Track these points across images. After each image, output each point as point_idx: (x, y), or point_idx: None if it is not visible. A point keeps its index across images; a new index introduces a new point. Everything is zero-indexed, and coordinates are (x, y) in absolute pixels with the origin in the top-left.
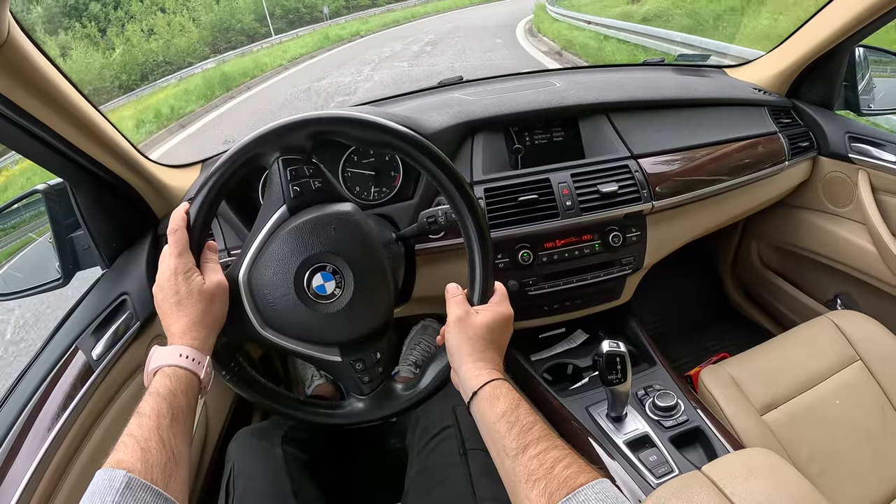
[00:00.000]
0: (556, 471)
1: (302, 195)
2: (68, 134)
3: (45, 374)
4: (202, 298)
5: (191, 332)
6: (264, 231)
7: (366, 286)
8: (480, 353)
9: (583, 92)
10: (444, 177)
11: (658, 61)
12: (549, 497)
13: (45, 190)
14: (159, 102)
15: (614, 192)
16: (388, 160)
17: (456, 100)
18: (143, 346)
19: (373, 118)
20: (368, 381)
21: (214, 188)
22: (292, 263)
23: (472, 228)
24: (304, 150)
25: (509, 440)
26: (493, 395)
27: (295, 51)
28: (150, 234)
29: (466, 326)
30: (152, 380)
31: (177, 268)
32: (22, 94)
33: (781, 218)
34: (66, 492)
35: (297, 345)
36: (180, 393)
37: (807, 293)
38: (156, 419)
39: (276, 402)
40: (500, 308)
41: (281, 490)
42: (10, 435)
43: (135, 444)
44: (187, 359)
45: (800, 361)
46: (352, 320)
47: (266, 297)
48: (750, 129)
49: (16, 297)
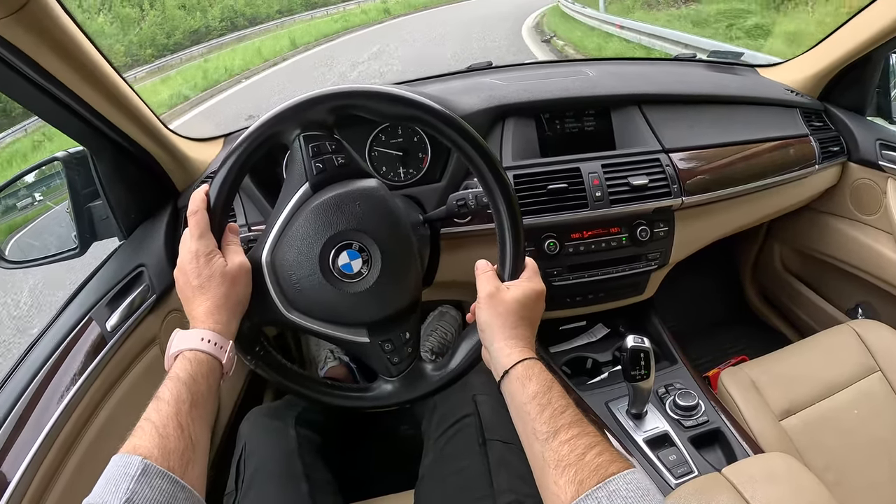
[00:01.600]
0: (588, 458)
1: (325, 171)
2: (93, 100)
3: (58, 343)
4: (224, 281)
5: (213, 315)
6: (287, 210)
7: (393, 264)
8: (512, 329)
9: (616, 82)
10: (475, 153)
11: (690, 56)
12: (579, 484)
13: (64, 158)
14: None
15: (645, 185)
16: (416, 141)
17: (487, 84)
18: (159, 320)
19: (402, 92)
20: (398, 362)
21: (234, 168)
22: (317, 242)
23: (503, 204)
24: (326, 125)
25: (540, 423)
26: (526, 374)
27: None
28: (169, 207)
29: (497, 302)
30: (172, 364)
31: (198, 250)
32: (48, 55)
33: (806, 222)
34: (74, 463)
35: (324, 326)
36: (201, 378)
37: (828, 300)
38: (175, 404)
39: (302, 386)
40: (531, 283)
41: (293, 471)
42: (20, 404)
43: (153, 430)
44: (209, 343)
45: (819, 369)
46: (379, 299)
47: (291, 278)
48: (781, 131)
49: (31, 266)
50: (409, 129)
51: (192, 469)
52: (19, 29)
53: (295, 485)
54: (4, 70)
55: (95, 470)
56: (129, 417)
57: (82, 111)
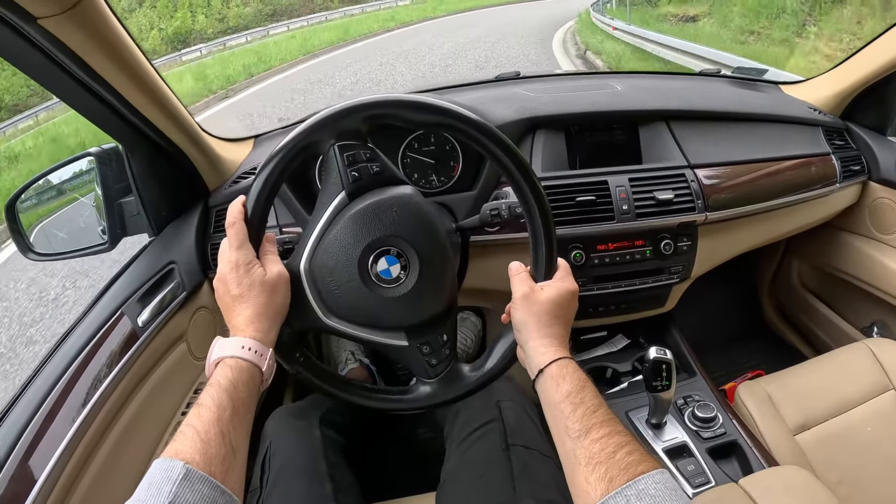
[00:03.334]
0: (618, 456)
1: (360, 180)
2: (133, 98)
3: (90, 337)
4: (264, 290)
5: (253, 324)
6: (324, 218)
7: (430, 268)
8: (547, 328)
9: (644, 97)
10: (509, 160)
11: (715, 72)
12: (609, 482)
13: (97, 153)
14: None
15: (670, 199)
16: (448, 149)
17: (518, 95)
18: (187, 317)
19: (436, 101)
20: (436, 364)
21: (271, 179)
22: (355, 249)
23: (536, 207)
24: (360, 134)
25: (573, 421)
26: (560, 374)
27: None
28: (200, 206)
29: (532, 302)
30: (213, 371)
31: (237, 260)
32: (94, 52)
33: (825, 240)
34: (102, 456)
35: (363, 331)
36: (241, 385)
37: (844, 318)
38: (216, 411)
39: (344, 392)
40: (564, 283)
41: (317, 470)
42: (51, 396)
43: (195, 436)
44: (250, 351)
45: (834, 385)
46: (418, 303)
47: (329, 285)
48: (804, 149)
49: (59, 258)
50: (442, 137)
51: (231, 474)
52: (70, 26)
53: (319, 484)
54: (50, 66)
55: (123, 463)
56: (156, 412)
57: (121, 108)
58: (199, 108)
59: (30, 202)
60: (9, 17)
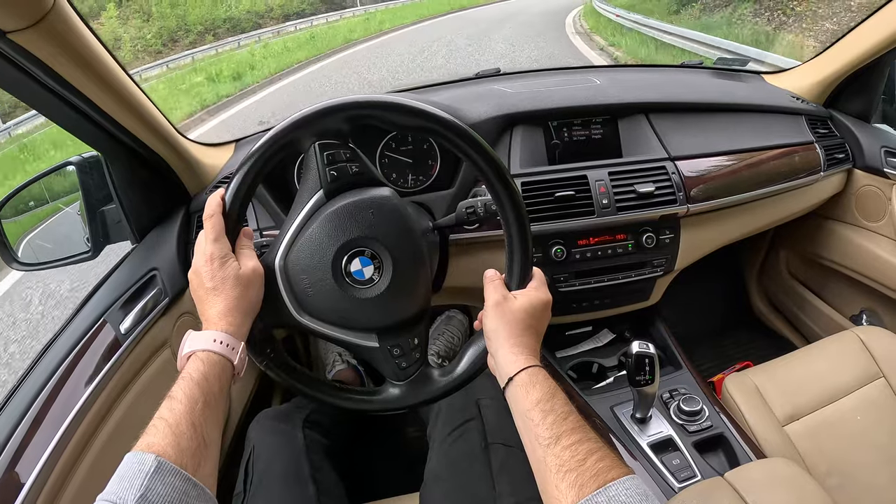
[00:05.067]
0: (588, 463)
1: (339, 180)
2: (108, 107)
3: (73, 345)
4: (238, 284)
5: (226, 317)
6: (301, 216)
7: (404, 271)
8: (518, 337)
9: (623, 91)
10: (484, 163)
11: (696, 63)
12: (580, 489)
13: (78, 162)
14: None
15: (651, 192)
16: (425, 148)
17: (496, 91)
18: (171, 323)
19: (415, 104)
20: (406, 367)
21: (250, 174)
22: (330, 248)
23: (511, 213)
24: (341, 134)
25: (543, 429)
26: (529, 381)
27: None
28: (181, 211)
29: (504, 311)
30: (185, 364)
31: (213, 253)
32: (65, 64)
33: (812, 229)
34: (88, 463)
35: (334, 330)
36: (213, 378)
37: (832, 306)
38: (188, 403)
39: (311, 388)
40: (538, 293)
41: (300, 473)
42: (35, 404)
43: (166, 428)
44: (221, 344)
45: (823, 375)
46: (389, 306)
47: (302, 283)
48: (787, 138)
49: (44, 268)
50: (419, 136)
51: (203, 467)
52: (39, 40)
53: (302, 486)
54: (22, 78)
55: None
56: (142, 418)
57: (97, 117)
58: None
59: (12, 213)
60: None
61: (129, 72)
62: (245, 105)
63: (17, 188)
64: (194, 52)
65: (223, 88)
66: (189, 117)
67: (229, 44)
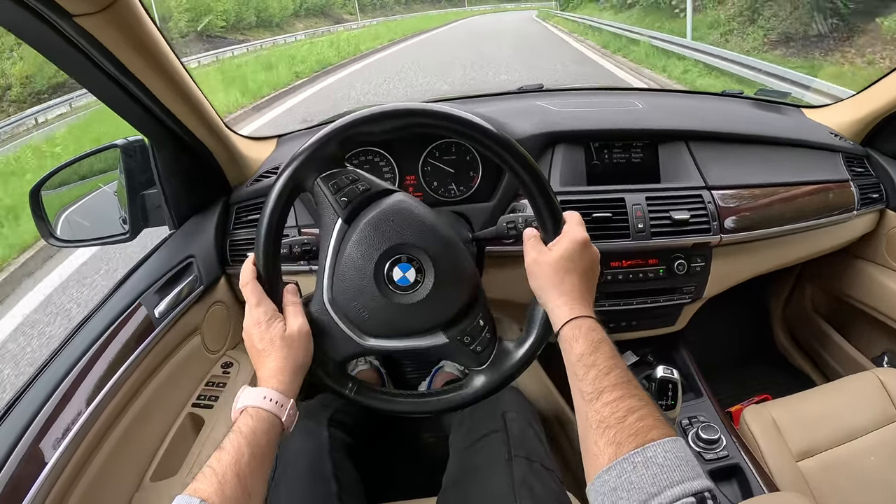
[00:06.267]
0: (629, 421)
1: (351, 203)
2: (161, 94)
3: (108, 325)
4: (284, 345)
5: (276, 376)
6: (330, 250)
7: (444, 262)
8: (560, 286)
9: (665, 116)
10: (528, 175)
11: (737, 93)
12: (617, 446)
13: (123, 145)
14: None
15: (686, 220)
16: (468, 159)
17: (539, 108)
18: (203, 310)
19: (385, 108)
20: (481, 351)
21: (270, 233)
22: (367, 267)
23: (525, 172)
24: (338, 158)
25: (585, 384)
26: (572, 335)
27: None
28: (221, 202)
29: (540, 265)
30: (238, 417)
31: (258, 318)
32: (127, 50)
33: (840, 267)
34: (112, 442)
35: (402, 342)
36: (261, 433)
37: (855, 346)
38: (235, 455)
39: (406, 406)
40: (571, 234)
41: (323, 470)
42: (66, 380)
43: (213, 476)
44: (270, 401)
45: (841, 413)
46: (444, 298)
47: (355, 309)
48: (823, 174)
49: (80, 245)
50: (463, 147)
51: None
52: (105, 25)
53: (324, 483)
54: (83, 61)
55: (131, 450)
56: (167, 403)
57: (150, 104)
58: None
59: (54, 189)
60: (46, 14)
61: (182, 60)
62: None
63: (62, 165)
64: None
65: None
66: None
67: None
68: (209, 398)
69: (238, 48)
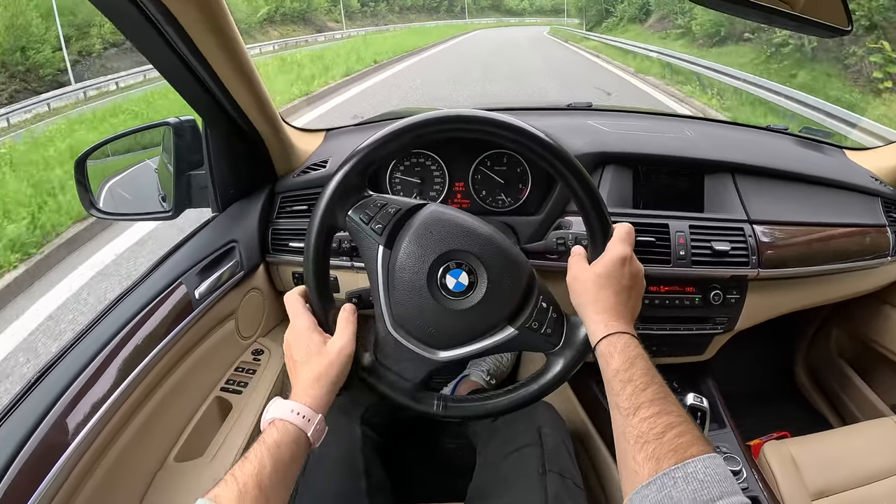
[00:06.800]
0: (667, 437)
1: (386, 227)
2: (226, 77)
3: (148, 301)
4: (321, 359)
5: (308, 390)
6: (381, 278)
7: (491, 257)
8: (595, 304)
9: (713, 147)
10: (582, 190)
11: (781, 128)
12: (657, 462)
13: (175, 124)
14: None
15: (726, 251)
16: (518, 171)
17: (590, 127)
18: (241, 295)
19: (390, 129)
20: (552, 333)
21: (319, 268)
22: (420, 283)
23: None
24: (360, 186)
25: (622, 399)
26: (608, 352)
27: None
28: (267, 190)
29: (580, 281)
30: (266, 428)
31: (299, 330)
32: (201, 31)
33: (868, 311)
34: (141, 419)
35: (475, 345)
36: (284, 447)
37: (876, 392)
38: (257, 465)
39: (501, 406)
40: (611, 251)
41: (354, 467)
42: (102, 354)
43: (234, 484)
44: (298, 415)
45: (859, 456)
46: (501, 292)
47: (422, 328)
48: (860, 217)
49: (122, 219)
50: (514, 158)
51: None
52: (187, 4)
53: (355, 480)
54: (155, 36)
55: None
56: (196, 385)
57: (211, 84)
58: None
59: (100, 160)
60: None
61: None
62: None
63: (111, 137)
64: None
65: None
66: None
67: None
68: (238, 384)
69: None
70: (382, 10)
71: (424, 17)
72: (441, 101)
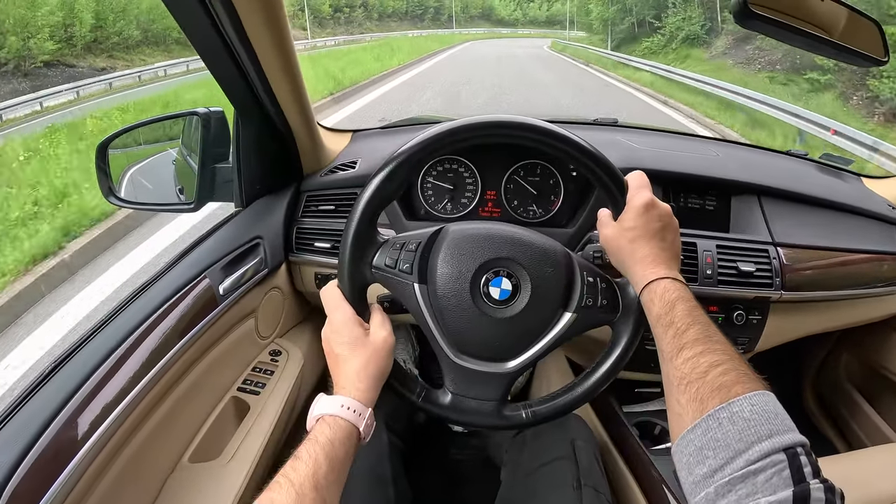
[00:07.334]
0: (710, 376)
1: (412, 263)
2: (271, 70)
3: (171, 294)
4: (365, 351)
5: (354, 384)
6: (426, 313)
7: (525, 256)
8: (632, 256)
9: (741, 169)
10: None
11: (802, 154)
12: (700, 403)
13: (204, 114)
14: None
15: (751, 272)
16: (551, 183)
17: (622, 143)
18: (262, 294)
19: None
20: (608, 302)
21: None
22: (466, 304)
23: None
24: (372, 236)
25: (664, 343)
26: (649, 299)
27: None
28: (293, 187)
29: (612, 238)
30: (314, 426)
31: (337, 323)
32: (256, 20)
33: (880, 337)
34: (160, 415)
35: (540, 343)
36: (338, 443)
37: (885, 419)
38: (312, 465)
39: (585, 393)
40: (633, 201)
41: (382, 474)
42: (125, 343)
43: (289, 487)
44: (349, 410)
45: (868, 480)
46: (547, 285)
47: (483, 344)
48: (878, 245)
49: (140, 209)
50: (548, 170)
51: None
52: None
53: (383, 488)
54: (205, 21)
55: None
56: (213, 384)
57: (253, 76)
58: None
59: (121, 149)
60: None
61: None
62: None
63: (135, 124)
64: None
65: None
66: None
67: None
68: (255, 384)
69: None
70: (359, 16)
71: (407, 25)
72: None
